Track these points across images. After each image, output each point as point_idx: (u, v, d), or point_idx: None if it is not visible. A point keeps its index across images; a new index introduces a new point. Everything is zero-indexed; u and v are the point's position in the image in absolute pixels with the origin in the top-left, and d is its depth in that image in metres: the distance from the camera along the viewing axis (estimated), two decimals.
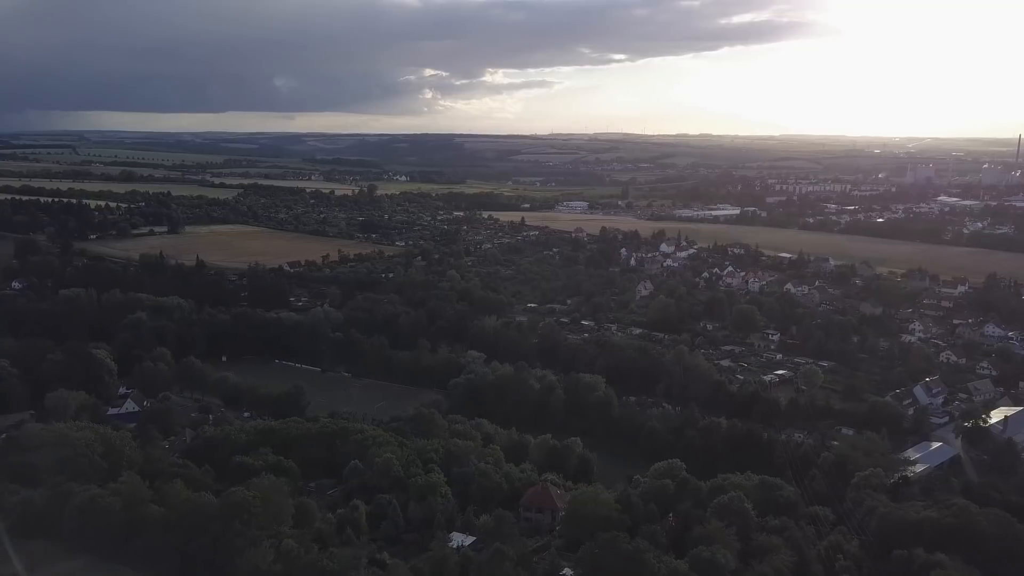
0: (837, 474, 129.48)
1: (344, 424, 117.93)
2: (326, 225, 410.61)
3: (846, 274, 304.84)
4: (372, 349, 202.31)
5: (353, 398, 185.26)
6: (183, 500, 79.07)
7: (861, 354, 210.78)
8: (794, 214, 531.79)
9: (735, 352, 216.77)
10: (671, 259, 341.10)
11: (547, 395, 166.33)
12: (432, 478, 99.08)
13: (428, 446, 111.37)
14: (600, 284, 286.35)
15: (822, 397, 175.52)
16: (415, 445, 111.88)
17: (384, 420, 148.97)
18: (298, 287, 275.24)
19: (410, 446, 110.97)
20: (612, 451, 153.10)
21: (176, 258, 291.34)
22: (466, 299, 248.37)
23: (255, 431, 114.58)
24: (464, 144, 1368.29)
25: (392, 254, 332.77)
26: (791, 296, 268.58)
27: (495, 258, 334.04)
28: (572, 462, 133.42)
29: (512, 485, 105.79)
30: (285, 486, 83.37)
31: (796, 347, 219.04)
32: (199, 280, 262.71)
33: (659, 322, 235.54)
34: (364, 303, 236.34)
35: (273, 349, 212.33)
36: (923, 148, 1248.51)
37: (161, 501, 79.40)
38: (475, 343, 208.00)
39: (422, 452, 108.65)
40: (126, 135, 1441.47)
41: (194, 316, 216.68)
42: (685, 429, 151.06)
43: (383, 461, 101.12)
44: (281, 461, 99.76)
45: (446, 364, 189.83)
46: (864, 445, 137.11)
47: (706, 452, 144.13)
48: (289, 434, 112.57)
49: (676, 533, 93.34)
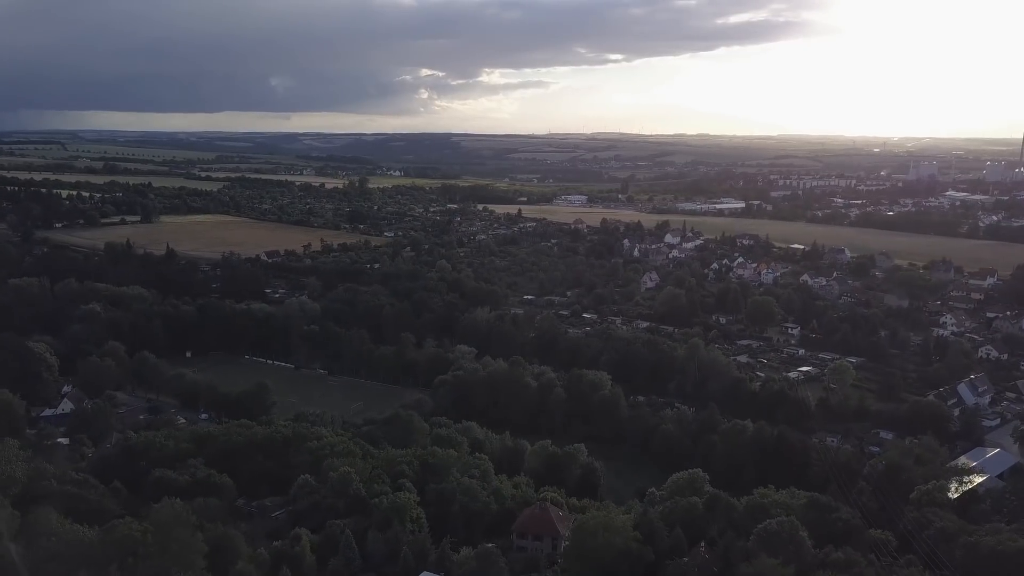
0: (889, 486, 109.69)
1: (299, 429, 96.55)
2: (311, 215, 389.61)
3: (865, 265, 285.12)
4: (351, 343, 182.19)
5: (328, 398, 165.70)
6: (60, 533, 58.41)
7: (892, 349, 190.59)
8: (800, 208, 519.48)
9: (752, 347, 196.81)
10: (677, 250, 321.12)
11: (545, 394, 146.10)
12: (401, 498, 78.27)
13: (400, 456, 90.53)
14: (602, 275, 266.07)
15: (856, 397, 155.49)
16: (385, 455, 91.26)
17: (357, 423, 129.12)
18: (276, 278, 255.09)
19: (378, 456, 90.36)
20: (620, 458, 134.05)
21: (145, 247, 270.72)
22: (457, 290, 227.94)
23: (189, 437, 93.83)
24: (461, 143, 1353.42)
25: (379, 244, 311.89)
26: (809, 288, 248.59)
27: (490, 249, 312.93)
28: (575, 472, 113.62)
29: (503, 505, 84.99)
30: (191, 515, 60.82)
31: (819, 341, 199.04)
32: (167, 270, 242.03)
33: (668, 315, 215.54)
34: (345, 294, 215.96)
35: (244, 344, 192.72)
36: (922, 147, 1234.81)
37: (26, 535, 58.69)
38: (466, 337, 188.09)
39: (392, 464, 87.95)
40: (120, 134, 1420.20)
41: (155, 307, 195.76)
42: (705, 433, 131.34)
43: (339, 476, 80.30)
44: (212, 476, 79.21)
45: (432, 360, 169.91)
46: (916, 452, 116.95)
47: (729, 459, 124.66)
48: (231, 441, 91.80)
49: (712, 570, 72.80)
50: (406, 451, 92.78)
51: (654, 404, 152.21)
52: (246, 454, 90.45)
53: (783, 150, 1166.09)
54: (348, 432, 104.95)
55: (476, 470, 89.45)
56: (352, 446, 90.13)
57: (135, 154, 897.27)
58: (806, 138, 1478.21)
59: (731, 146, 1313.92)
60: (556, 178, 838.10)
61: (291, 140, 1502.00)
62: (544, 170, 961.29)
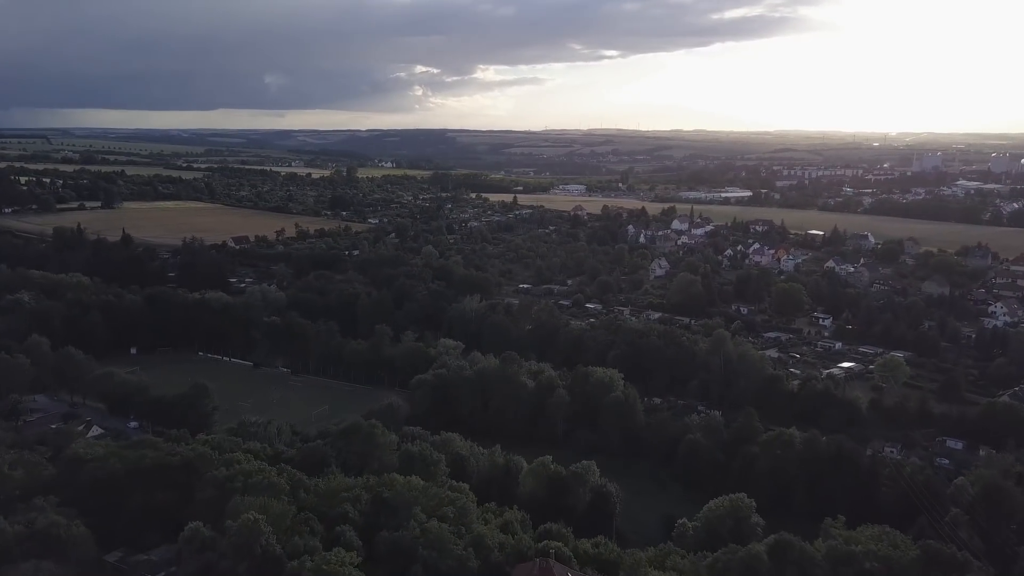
0: (990, 516, 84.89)
1: (205, 451, 69.97)
2: (291, 202, 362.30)
3: (894, 250, 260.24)
4: (318, 338, 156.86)
5: (288, 401, 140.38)
6: None
7: (943, 342, 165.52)
8: (809, 196, 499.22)
9: (781, 340, 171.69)
10: (686, 236, 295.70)
11: (544, 396, 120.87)
12: (332, 560, 52.65)
13: (344, 489, 64.73)
14: (606, 262, 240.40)
15: (915, 398, 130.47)
16: (325, 486, 65.39)
17: (310, 435, 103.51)
18: (243, 266, 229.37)
19: (313, 489, 64.56)
20: (637, 473, 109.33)
21: (99, 233, 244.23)
22: (444, 278, 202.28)
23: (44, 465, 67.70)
24: (456, 138, 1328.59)
25: (361, 230, 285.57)
26: (836, 275, 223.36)
27: (482, 235, 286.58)
28: (584, 498, 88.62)
29: (486, 559, 59.01)
30: None
31: (856, 333, 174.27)
32: (119, 257, 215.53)
33: (682, 304, 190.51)
34: (315, 282, 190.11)
35: (197, 339, 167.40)
36: (921, 142, 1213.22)
37: None
38: (453, 330, 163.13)
39: (331, 500, 62.40)
40: (113, 131, 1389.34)
41: (94, 297, 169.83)
42: (741, 444, 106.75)
43: (242, 526, 54.32)
44: (54, 526, 53.47)
45: (411, 356, 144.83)
46: (1017, 470, 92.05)
47: (774, 478, 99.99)
48: (106, 469, 65.82)
49: None
50: (356, 480, 66.93)
51: (674, 407, 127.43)
52: (128, 486, 64.69)
53: (782, 144, 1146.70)
54: (297, 447, 78.66)
55: (451, 506, 63.60)
56: (274, 476, 63.89)
57: (122, 148, 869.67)
58: (804, 133, 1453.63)
59: (729, 141, 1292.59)
60: (553, 172, 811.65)
61: (285, 137, 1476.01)
62: (540, 164, 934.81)
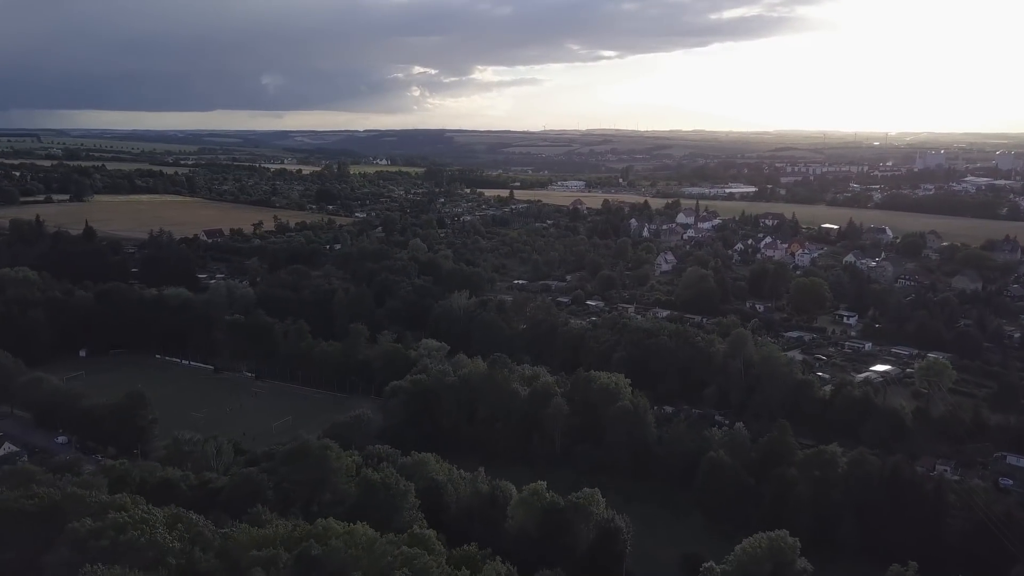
0: None
1: (74, 492, 51.68)
2: (274, 196, 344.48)
3: (916, 244, 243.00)
4: (286, 338, 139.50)
5: (247, 410, 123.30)
6: None
7: (985, 342, 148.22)
8: (816, 191, 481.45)
9: (804, 340, 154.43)
10: (692, 230, 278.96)
11: (540, 405, 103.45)
12: None
13: (253, 543, 46.48)
14: (608, 256, 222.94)
15: (967, 407, 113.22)
16: (232, 542, 47.35)
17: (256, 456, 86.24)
18: (216, 260, 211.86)
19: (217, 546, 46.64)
20: (649, 498, 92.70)
21: (62, 226, 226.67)
22: (431, 273, 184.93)
23: None
24: (454, 138, 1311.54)
25: (346, 224, 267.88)
26: (858, 270, 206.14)
27: (475, 229, 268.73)
28: (586, 536, 71.47)
29: None
30: None
31: (887, 332, 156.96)
32: (78, 250, 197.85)
33: (692, 301, 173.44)
34: (288, 277, 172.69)
35: (154, 340, 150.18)
36: (921, 141, 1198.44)
37: None
38: (439, 329, 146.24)
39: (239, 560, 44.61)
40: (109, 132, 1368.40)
41: (38, 294, 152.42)
42: (773, 464, 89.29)
43: None
44: None
45: (389, 358, 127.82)
46: None
47: (816, 507, 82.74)
48: None
49: None
50: (278, 529, 48.75)
51: (690, 418, 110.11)
52: None
53: (782, 143, 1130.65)
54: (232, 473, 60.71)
55: (406, 568, 45.57)
56: (159, 531, 45.46)
57: (114, 146, 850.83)
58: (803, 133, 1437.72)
59: (728, 140, 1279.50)
60: (551, 170, 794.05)
61: (282, 137, 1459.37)
62: (539, 163, 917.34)
